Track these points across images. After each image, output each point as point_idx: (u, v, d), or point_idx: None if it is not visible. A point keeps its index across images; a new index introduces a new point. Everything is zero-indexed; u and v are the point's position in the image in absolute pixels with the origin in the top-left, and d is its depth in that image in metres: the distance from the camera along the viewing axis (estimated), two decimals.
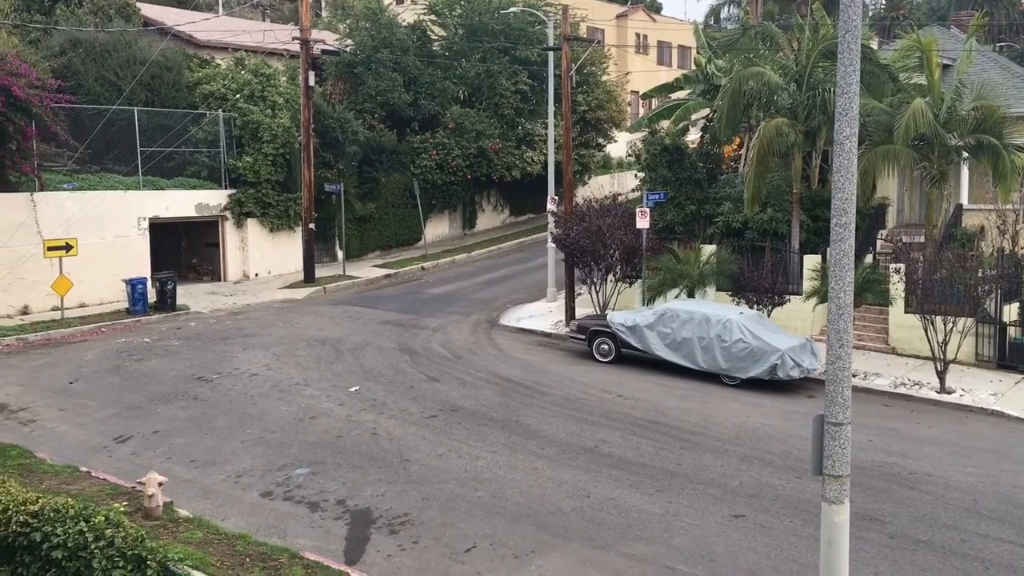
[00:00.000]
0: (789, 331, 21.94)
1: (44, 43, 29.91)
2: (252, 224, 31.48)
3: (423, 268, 35.03)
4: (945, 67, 26.62)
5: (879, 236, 26.51)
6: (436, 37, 41.56)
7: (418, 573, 11.24)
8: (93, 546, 8.49)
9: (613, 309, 25.12)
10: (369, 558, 11.63)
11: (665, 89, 35.54)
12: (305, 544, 11.83)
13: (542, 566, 11.50)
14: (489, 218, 44.00)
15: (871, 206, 25.88)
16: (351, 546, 11.94)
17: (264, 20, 45.23)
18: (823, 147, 25.11)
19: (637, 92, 52.08)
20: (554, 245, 28.07)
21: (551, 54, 31.24)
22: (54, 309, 24.65)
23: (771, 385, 20.12)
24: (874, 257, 25.18)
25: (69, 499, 9.49)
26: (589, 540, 12.26)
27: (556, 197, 29.54)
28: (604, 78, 45.36)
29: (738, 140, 31.35)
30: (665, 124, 33.04)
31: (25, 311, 24.78)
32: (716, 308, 21.44)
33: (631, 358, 21.88)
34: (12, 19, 30.23)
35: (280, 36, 35.94)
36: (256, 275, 31.97)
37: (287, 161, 31.36)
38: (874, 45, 30.98)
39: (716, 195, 27.28)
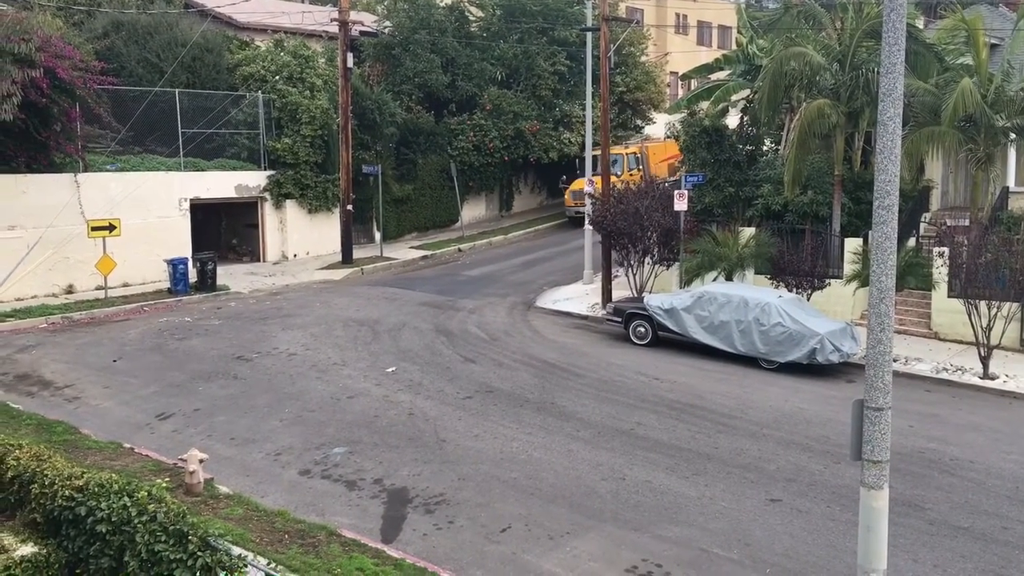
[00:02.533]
0: (829, 315, 21.68)
1: (88, 25, 30.26)
2: (291, 205, 31.73)
3: (460, 250, 35.09)
4: (993, 47, 26.01)
5: (923, 219, 26.06)
6: (474, 18, 41.41)
7: (453, 552, 11.32)
8: (136, 521, 8.65)
9: (650, 292, 24.99)
10: (405, 536, 11.73)
11: (705, 70, 35.14)
12: (342, 522, 11.96)
13: (576, 547, 11.53)
14: (526, 200, 43.90)
15: (915, 189, 25.44)
16: (387, 524, 12.06)
17: (303, 1, 45.36)
18: (866, 128, 24.67)
19: (676, 73, 51.56)
20: (591, 227, 27.98)
21: (589, 35, 30.98)
22: (98, 288, 25.07)
23: (810, 369, 19.92)
24: (917, 241, 24.76)
25: (113, 475, 9.68)
26: (624, 522, 12.27)
27: (593, 179, 29.40)
28: (643, 59, 44.94)
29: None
30: (704, 105, 32.68)
31: (70, 290, 25.23)
32: (754, 291, 21.25)
33: (668, 341, 21.78)
34: (57, 2, 30.60)
35: (319, 17, 36.04)
36: (295, 256, 32.25)
37: (325, 143, 31.53)
38: (920, 24, 30.34)
39: (756, 177, 26.97)
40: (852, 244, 23.44)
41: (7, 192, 23.95)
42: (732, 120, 33.11)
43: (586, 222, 28.68)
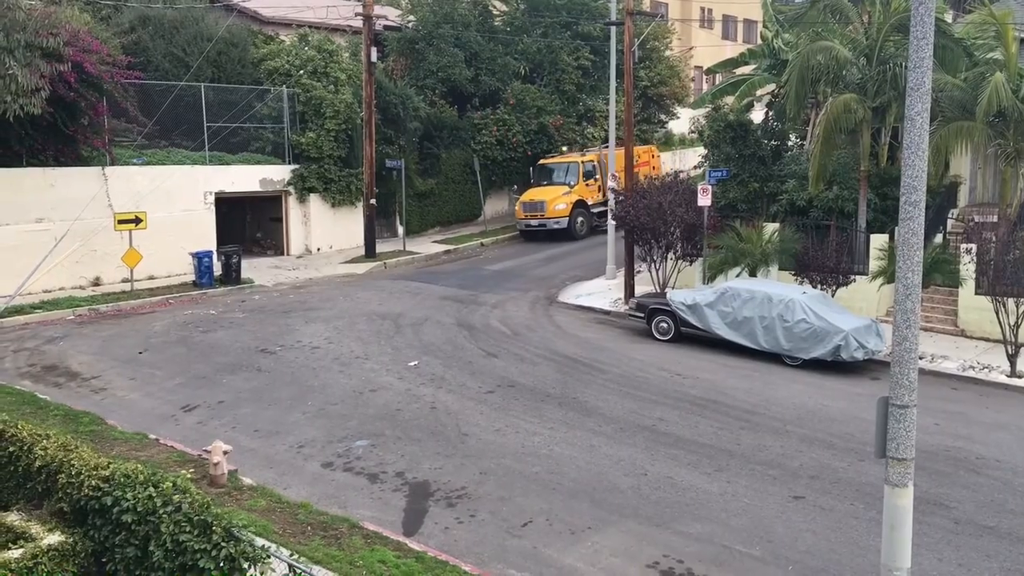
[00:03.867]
0: (854, 312, 21.51)
1: (115, 20, 30.51)
2: (315, 199, 31.88)
3: (482, 244, 35.11)
4: (1022, 41, 25.66)
5: (950, 215, 25.79)
6: (498, 12, 41.40)
7: (475, 546, 11.35)
8: (161, 511, 8.72)
9: (673, 287, 24.89)
10: (427, 530, 11.77)
11: (730, 64, 34.93)
12: (364, 514, 12.02)
13: (598, 542, 11.52)
14: None
15: (942, 184, 25.17)
16: (409, 518, 12.11)
17: None
18: (893, 124, 24.45)
19: (701, 67, 51.29)
20: (614, 222, 27.91)
21: (613, 29, 30.87)
22: (124, 281, 25.32)
23: (834, 366, 19.78)
24: (944, 237, 24.52)
25: (139, 465, 9.75)
26: (646, 518, 12.25)
27: (616, 174, 29.31)
28: (667, 53, 44.79)
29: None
30: (729, 100, 32.51)
31: (97, 282, 25.48)
32: (778, 287, 21.12)
33: (690, 337, 21.69)
34: None
35: (343, 12, 36.14)
36: (318, 249, 32.40)
37: (349, 137, 31.64)
38: (948, 18, 30.00)
39: (780, 172, 26.79)
40: (878, 240, 23.23)
41: (35, 185, 24.22)
42: (757, 115, 32.91)
43: (609, 217, 28.61)
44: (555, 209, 34.18)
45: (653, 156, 39.03)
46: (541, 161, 36.33)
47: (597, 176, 35.68)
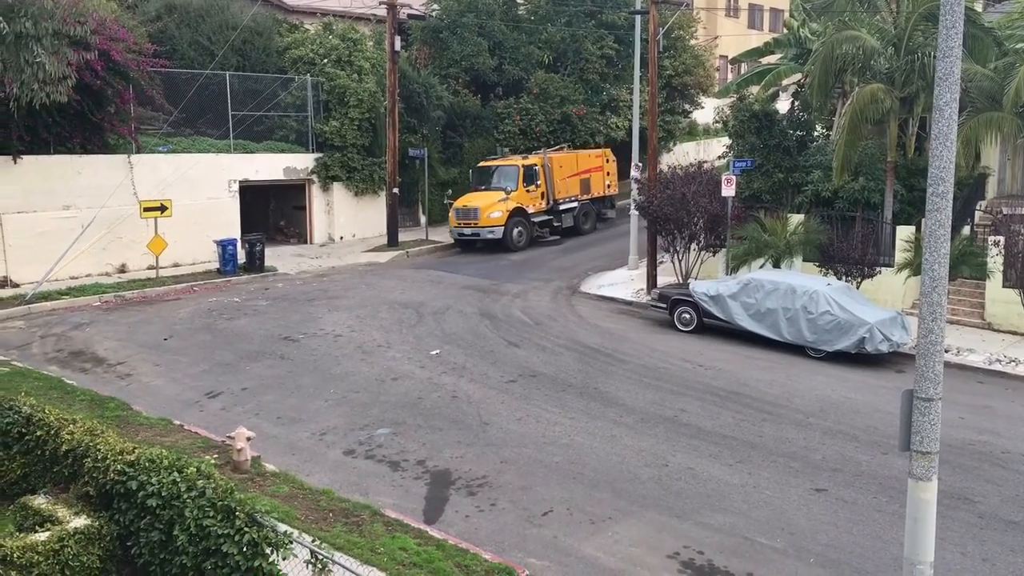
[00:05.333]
0: (879, 304, 21.34)
1: (141, 8, 30.71)
2: (338, 188, 31.99)
3: None
4: None
5: (978, 207, 25.48)
6: (522, 1, 41.25)
7: (495, 534, 11.38)
8: (185, 496, 8.80)
9: (696, 278, 24.79)
10: (448, 518, 11.82)
11: (755, 53, 34.67)
12: (386, 502, 12.08)
13: (618, 532, 11.52)
14: None
15: (970, 176, 24.87)
16: (430, 506, 12.16)
17: None
18: (920, 114, 24.17)
19: (726, 57, 50.92)
20: (637, 212, 27.81)
21: (638, 18, 30.69)
22: (149, 268, 25.54)
23: (858, 359, 19.64)
24: (972, 229, 24.22)
25: (163, 450, 9.85)
26: (666, 509, 12.23)
27: (640, 164, 29.20)
28: (692, 42, 44.44)
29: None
30: (754, 90, 32.27)
31: (123, 269, 25.73)
32: (802, 279, 20.97)
33: (713, 328, 21.60)
34: None
35: (367, 1, 36.12)
36: (341, 238, 32.53)
37: (372, 126, 31.70)
38: (978, 7, 29.60)
39: (806, 163, 26.57)
40: (904, 232, 23.02)
41: (62, 173, 24.45)
42: (782, 105, 32.65)
43: (632, 207, 28.51)
44: (489, 217, 30.81)
45: (607, 161, 36.27)
46: (480, 164, 33.68)
47: (540, 182, 32.61)
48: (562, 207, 33.61)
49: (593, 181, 35.21)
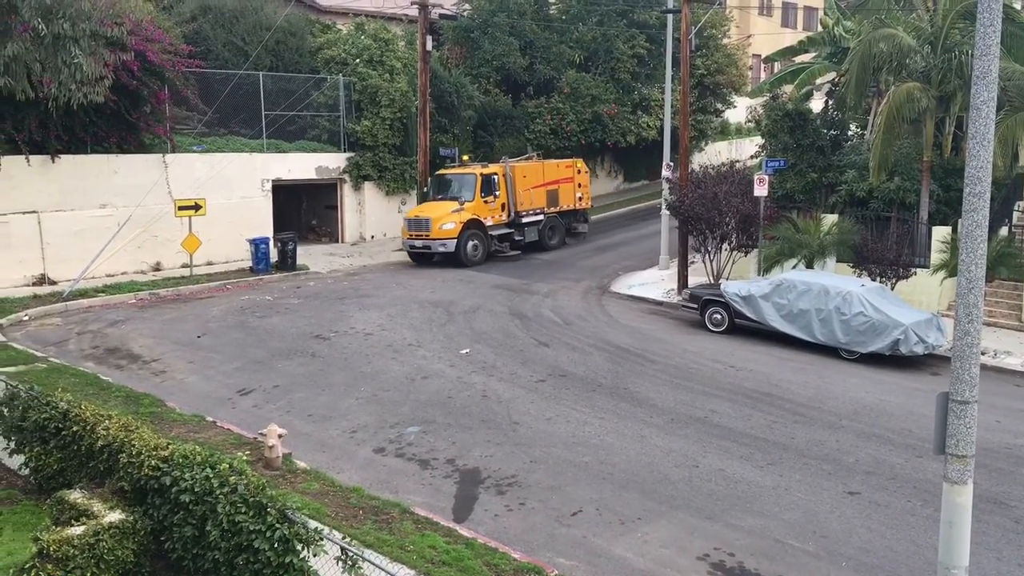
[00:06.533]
0: (914, 305, 21.07)
1: (177, 9, 31.04)
2: (369, 187, 32.15)
3: None
4: None
5: (1016, 207, 25.10)
6: (553, 1, 41.22)
7: (524, 534, 11.38)
8: (218, 492, 8.88)
9: (727, 278, 24.63)
10: (477, 516, 11.83)
11: (789, 52, 34.36)
12: (415, 500, 12.12)
13: (648, 533, 11.47)
14: (602, 184, 43.62)
15: (1008, 176, 24.49)
16: (460, 504, 12.18)
17: None
18: (957, 113, 23.86)
19: (759, 55, 50.48)
20: (668, 212, 27.67)
21: (670, 17, 30.55)
22: (183, 266, 25.83)
23: (892, 361, 19.41)
24: (1010, 230, 23.87)
25: (196, 446, 9.95)
26: (697, 510, 12.16)
27: (671, 163, 29.05)
28: (725, 41, 44.17)
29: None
30: (788, 89, 31.99)
31: (157, 267, 26.03)
32: (836, 280, 20.76)
33: (744, 329, 21.45)
34: None
35: (399, 1, 36.23)
36: (372, 237, 32.68)
37: (404, 125, 31.82)
38: (1017, 5, 29.12)
39: (840, 163, 26.31)
40: (940, 232, 22.72)
41: (99, 172, 24.79)
42: (816, 104, 32.32)
43: (663, 207, 28.39)
44: (441, 229, 28.41)
45: (579, 172, 33.63)
46: (438, 172, 31.16)
47: (499, 192, 30.25)
48: (525, 220, 31.15)
49: (562, 193, 32.65)
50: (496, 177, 30.31)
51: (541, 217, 31.80)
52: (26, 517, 11.02)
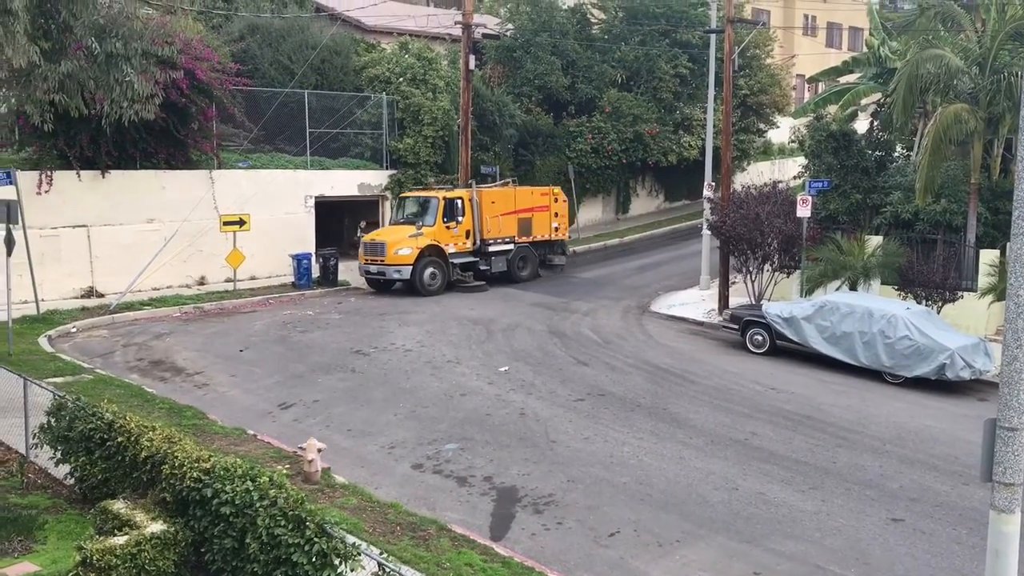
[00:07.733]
0: (961, 330, 20.71)
1: (225, 29, 31.65)
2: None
3: (575, 252, 34.99)
4: None
5: None
6: (596, 20, 41.36)
7: (561, 554, 11.32)
8: (258, 504, 8.96)
9: (769, 300, 24.41)
10: (514, 535, 11.80)
11: (833, 73, 34.15)
12: (452, 517, 12.12)
13: (686, 556, 11.36)
14: (643, 203, 43.51)
15: None
16: (496, 522, 12.16)
17: (428, 5, 46.24)
18: (1006, 135, 23.49)
19: (803, 76, 50.19)
20: (709, 232, 27.52)
21: (713, 37, 30.52)
22: (227, 280, 26.19)
23: (938, 385, 19.08)
24: None
25: (237, 459, 10.06)
26: (736, 533, 12.02)
27: (713, 183, 28.92)
28: (768, 61, 43.95)
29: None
30: (832, 109, 31.75)
31: (202, 282, 26.42)
32: (880, 302, 20.49)
33: (786, 351, 21.23)
34: (198, 6, 32.10)
35: (443, 20, 36.63)
36: None
37: (445, 143, 32.03)
38: None
39: (885, 184, 26.01)
40: (988, 256, 22.34)
41: (148, 187, 25.27)
42: (861, 125, 32.03)
43: (704, 227, 28.24)
44: (396, 254, 26.47)
45: (556, 200, 30.95)
46: (403, 194, 29.74)
47: (462, 218, 28.07)
48: (492, 249, 28.75)
49: (536, 222, 30.22)
50: (460, 201, 28.19)
51: (511, 247, 29.38)
52: (70, 526, 11.20)
